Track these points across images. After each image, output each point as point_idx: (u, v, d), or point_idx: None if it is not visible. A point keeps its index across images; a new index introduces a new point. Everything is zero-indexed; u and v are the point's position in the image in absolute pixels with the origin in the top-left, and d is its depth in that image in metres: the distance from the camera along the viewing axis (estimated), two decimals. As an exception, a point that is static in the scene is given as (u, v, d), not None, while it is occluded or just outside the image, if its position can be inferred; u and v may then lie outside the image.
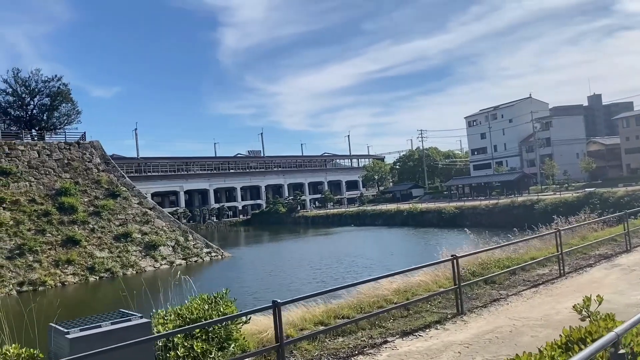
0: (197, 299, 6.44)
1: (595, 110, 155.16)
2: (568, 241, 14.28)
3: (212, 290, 11.45)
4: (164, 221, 45.82)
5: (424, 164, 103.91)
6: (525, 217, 53.14)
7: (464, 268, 10.42)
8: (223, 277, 35.85)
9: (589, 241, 14.54)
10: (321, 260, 37.85)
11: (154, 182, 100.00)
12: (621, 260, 12.86)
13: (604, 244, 14.95)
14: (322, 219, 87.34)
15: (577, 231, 15.99)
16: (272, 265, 38.03)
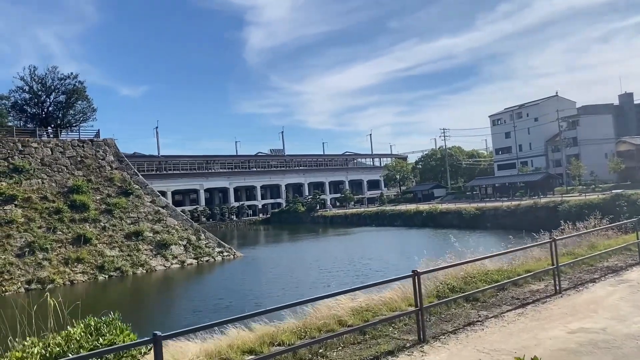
0: (81, 325, 5.38)
1: (627, 110, 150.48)
2: (574, 250, 12.99)
3: (204, 293, 10.53)
4: (176, 220, 45.35)
5: (447, 164, 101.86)
6: (548, 219, 51.23)
7: (442, 282, 9.30)
8: (226, 279, 35.19)
9: (597, 250, 12.97)
10: (334, 262, 36.81)
11: (175, 180, 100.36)
12: (631, 274, 11.40)
13: (615, 254, 13.35)
14: (340, 218, 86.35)
15: (587, 239, 14.44)
16: (282, 266, 37.15)
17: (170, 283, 36.15)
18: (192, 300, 27.31)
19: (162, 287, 35.09)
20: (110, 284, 35.90)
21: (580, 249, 13.26)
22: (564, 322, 7.85)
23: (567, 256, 12.25)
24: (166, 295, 31.35)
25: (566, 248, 13.25)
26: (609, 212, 43.86)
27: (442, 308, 8.76)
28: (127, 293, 33.26)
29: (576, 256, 12.32)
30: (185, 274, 38.59)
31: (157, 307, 26.05)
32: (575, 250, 13.09)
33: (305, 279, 28.59)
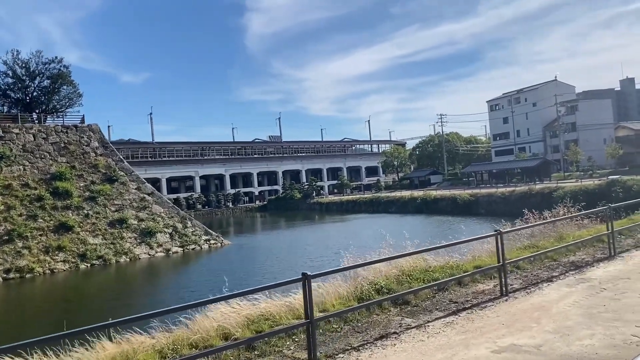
0: None
1: (628, 95, 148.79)
2: (538, 243, 11.73)
3: (174, 285, 9.70)
4: (162, 207, 44.54)
5: (444, 150, 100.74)
6: (542, 205, 50.15)
7: (369, 283, 8.05)
8: (206, 269, 34.45)
9: (565, 242, 11.56)
10: (322, 251, 35.88)
11: (170, 167, 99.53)
12: (596, 272, 10.11)
13: (584, 247, 12.05)
14: (336, 205, 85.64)
15: (559, 228, 13.23)
16: (267, 255, 36.27)
17: (147, 273, 35.42)
18: (153, 295, 26.69)
19: (135, 277, 34.34)
20: (91, 273, 35.17)
21: (546, 241, 11.98)
22: (496, 336, 6.59)
23: (528, 249, 11.13)
24: (131, 287, 30.57)
25: (532, 239, 12.21)
26: (604, 198, 43.05)
27: (362, 315, 7.45)
28: (95, 283, 32.44)
29: (539, 249, 10.99)
30: (168, 263, 37.88)
31: (110, 301, 24.64)
32: (540, 243, 11.86)
33: (286, 269, 27.74)
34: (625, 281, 9.07)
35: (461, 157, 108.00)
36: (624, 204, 15.06)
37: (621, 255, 11.35)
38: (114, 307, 21.14)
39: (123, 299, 25.38)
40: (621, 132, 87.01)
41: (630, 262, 10.61)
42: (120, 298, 25.49)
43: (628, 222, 14.77)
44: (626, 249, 12.01)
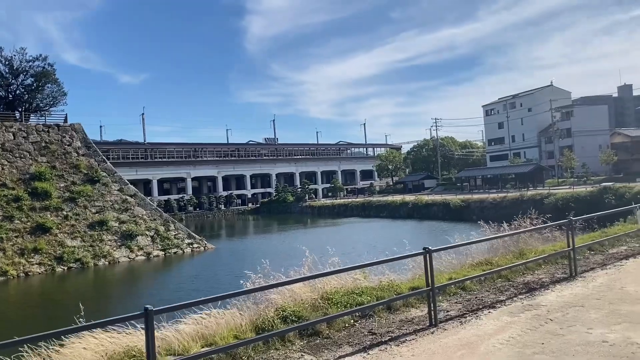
0: None
1: (625, 101, 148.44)
2: (492, 259, 10.34)
3: (141, 291, 8.77)
4: (144, 209, 43.53)
5: (438, 154, 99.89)
6: (534, 212, 49.57)
7: (277, 309, 6.80)
8: (182, 274, 33.54)
9: (525, 259, 10.23)
10: (302, 258, 34.76)
11: (161, 168, 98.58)
12: (548, 296, 8.67)
13: (546, 264, 10.72)
14: (328, 209, 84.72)
15: (521, 242, 11.86)
16: (247, 261, 35.11)
17: (120, 277, 34.40)
18: (116, 300, 25.74)
19: (104, 282, 33.24)
20: (66, 277, 34.18)
21: (502, 258, 10.58)
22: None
23: (481, 267, 9.87)
24: (94, 293, 29.47)
25: (492, 254, 11.02)
26: (596, 205, 42.13)
27: (257, 350, 6.09)
28: (65, 287, 31.35)
29: (492, 267, 9.68)
30: (146, 267, 36.88)
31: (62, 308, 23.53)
32: (495, 260, 10.40)
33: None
34: (577, 310, 7.85)
35: (456, 162, 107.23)
36: (595, 215, 13.84)
37: (583, 276, 10.07)
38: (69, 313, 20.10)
39: (89, 303, 24.33)
40: (617, 139, 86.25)
41: (591, 284, 9.30)
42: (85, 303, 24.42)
43: (601, 235, 13.76)
44: (591, 268, 10.77)
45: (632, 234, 13.00)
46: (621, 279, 9.54)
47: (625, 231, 13.70)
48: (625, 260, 11.14)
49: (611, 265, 10.72)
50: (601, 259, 11.55)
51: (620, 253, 12.03)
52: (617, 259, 11.43)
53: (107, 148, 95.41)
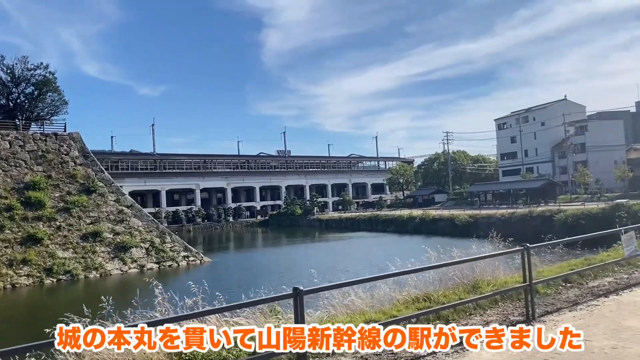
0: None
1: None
2: (430, 295, 8.30)
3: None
4: (140, 221, 42.70)
5: (449, 168, 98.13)
6: (543, 229, 47.61)
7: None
8: (166, 289, 32.24)
9: (477, 294, 8.32)
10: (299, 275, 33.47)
11: (170, 179, 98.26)
12: (483, 355, 6.25)
13: (505, 301, 8.67)
14: (335, 222, 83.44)
15: (481, 270, 9.65)
16: (240, 278, 33.94)
17: (100, 292, 33.17)
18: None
19: (81, 296, 32.05)
20: (54, 289, 33.29)
21: (454, 292, 8.70)
22: None
23: (417, 304, 7.94)
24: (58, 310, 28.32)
25: (434, 287, 9.17)
26: (608, 223, 40.28)
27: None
28: (46, 301, 30.30)
29: (431, 304, 7.78)
30: (137, 280, 35.74)
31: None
32: (439, 294, 8.45)
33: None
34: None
35: (468, 176, 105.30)
36: (565, 240, 12.03)
37: (543, 320, 7.82)
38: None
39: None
40: (633, 155, 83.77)
41: (548, 334, 6.33)
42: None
43: (583, 262, 11.56)
44: (558, 308, 8.49)
45: (624, 262, 10.95)
46: (589, 327, 7.38)
47: (615, 258, 11.38)
48: (604, 298, 9.08)
49: (584, 305, 8.72)
50: (576, 295, 9.48)
51: (601, 287, 10.00)
52: (595, 295, 9.43)
53: (116, 158, 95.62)
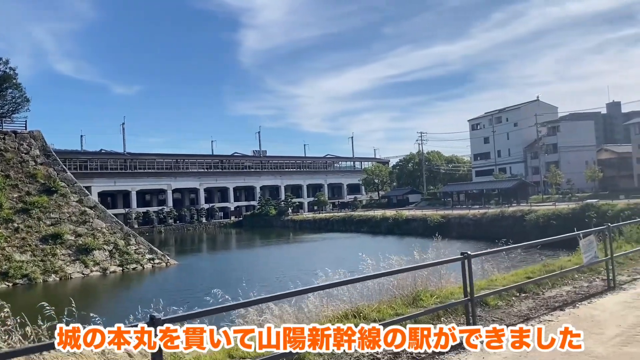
0: None
1: (614, 118, 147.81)
2: (368, 308, 7.20)
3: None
4: (104, 222, 41.31)
5: (423, 168, 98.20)
6: (514, 229, 47.62)
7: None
8: (116, 295, 31.21)
9: (417, 308, 7.28)
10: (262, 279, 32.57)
11: (140, 179, 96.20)
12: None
13: (449, 315, 7.43)
14: (309, 223, 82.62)
15: (423, 280, 8.65)
16: (203, 282, 32.85)
17: (57, 296, 31.90)
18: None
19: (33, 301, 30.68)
20: (9, 294, 31.75)
21: (390, 306, 7.54)
22: None
23: (345, 321, 6.72)
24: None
25: (385, 294, 8.19)
26: (578, 223, 40.39)
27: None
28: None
29: (360, 322, 6.43)
30: (95, 285, 34.51)
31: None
32: (372, 309, 7.31)
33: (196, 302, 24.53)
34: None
35: (442, 177, 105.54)
36: (518, 245, 10.14)
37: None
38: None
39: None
40: (604, 155, 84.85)
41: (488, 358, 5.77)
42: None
43: (541, 269, 10.25)
44: (508, 325, 7.14)
45: (585, 267, 9.73)
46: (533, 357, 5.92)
47: (576, 263, 10.06)
48: (560, 312, 7.95)
49: (536, 321, 7.59)
50: (529, 308, 8.29)
51: (558, 298, 8.85)
52: (550, 307, 8.26)
53: (85, 158, 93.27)
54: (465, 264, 6.73)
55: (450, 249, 21.15)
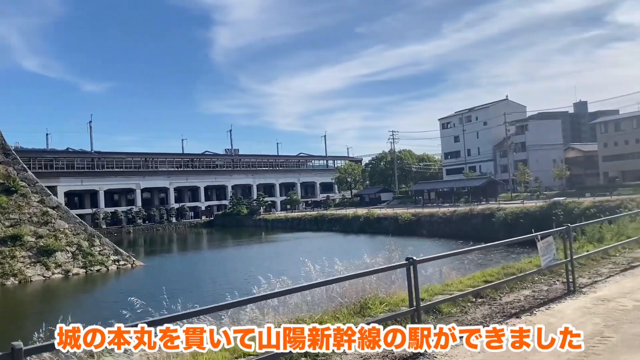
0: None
1: (581, 117, 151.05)
2: (311, 319, 6.47)
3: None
4: (67, 223, 40.03)
5: (395, 167, 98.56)
6: (483, 227, 48.08)
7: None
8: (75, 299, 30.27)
9: (362, 318, 6.80)
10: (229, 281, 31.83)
11: (108, 178, 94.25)
12: None
13: (393, 322, 6.33)
14: (281, 222, 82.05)
15: (370, 287, 8.06)
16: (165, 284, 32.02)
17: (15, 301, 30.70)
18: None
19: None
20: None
21: (335, 315, 6.93)
22: None
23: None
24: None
25: (337, 302, 7.54)
26: (546, 220, 40.79)
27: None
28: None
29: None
30: (55, 288, 33.42)
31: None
32: (314, 319, 6.49)
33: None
34: None
35: (414, 175, 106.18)
36: (470, 249, 9.20)
37: (433, 356, 5.97)
38: None
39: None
40: (571, 154, 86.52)
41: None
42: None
43: (500, 272, 9.70)
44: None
45: (546, 270, 9.19)
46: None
47: (537, 265, 9.44)
48: (516, 319, 7.47)
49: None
50: (484, 316, 7.76)
51: (515, 303, 8.22)
52: (506, 315, 7.70)
53: (51, 157, 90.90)
54: (411, 270, 6.10)
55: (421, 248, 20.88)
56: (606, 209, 37.61)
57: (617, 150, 74.30)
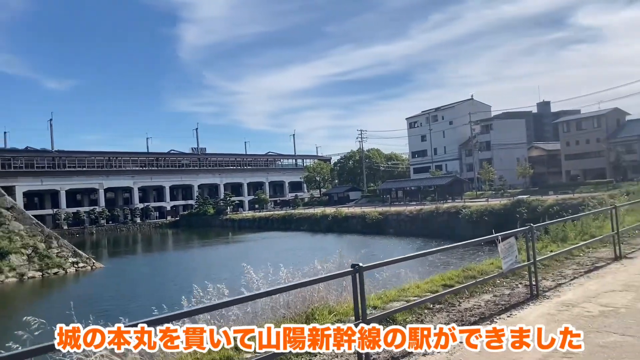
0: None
1: (544, 117, 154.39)
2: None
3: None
4: (22, 224, 38.54)
5: (363, 166, 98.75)
6: (450, 225, 48.42)
7: None
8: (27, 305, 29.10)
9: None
10: (189, 282, 31.08)
11: (70, 178, 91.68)
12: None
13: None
14: (248, 222, 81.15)
15: (317, 295, 7.38)
16: (126, 287, 31.07)
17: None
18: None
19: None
20: None
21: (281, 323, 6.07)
22: None
23: (210, 356, 5.72)
24: None
25: (265, 317, 7.01)
26: (510, 218, 41.28)
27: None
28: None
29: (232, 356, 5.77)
30: (7, 293, 32.02)
31: None
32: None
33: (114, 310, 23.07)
34: None
35: (382, 174, 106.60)
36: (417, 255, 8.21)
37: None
38: None
39: None
40: (534, 152, 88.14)
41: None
42: None
43: (460, 275, 9.32)
44: (407, 352, 5.85)
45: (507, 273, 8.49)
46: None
47: (499, 267, 8.91)
48: (474, 327, 6.22)
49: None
50: (443, 319, 7.27)
51: (475, 310, 7.70)
52: (465, 323, 7.16)
53: (9, 156, 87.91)
54: (357, 278, 5.46)
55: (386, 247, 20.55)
56: (569, 206, 38.24)
57: (578, 149, 75.99)
